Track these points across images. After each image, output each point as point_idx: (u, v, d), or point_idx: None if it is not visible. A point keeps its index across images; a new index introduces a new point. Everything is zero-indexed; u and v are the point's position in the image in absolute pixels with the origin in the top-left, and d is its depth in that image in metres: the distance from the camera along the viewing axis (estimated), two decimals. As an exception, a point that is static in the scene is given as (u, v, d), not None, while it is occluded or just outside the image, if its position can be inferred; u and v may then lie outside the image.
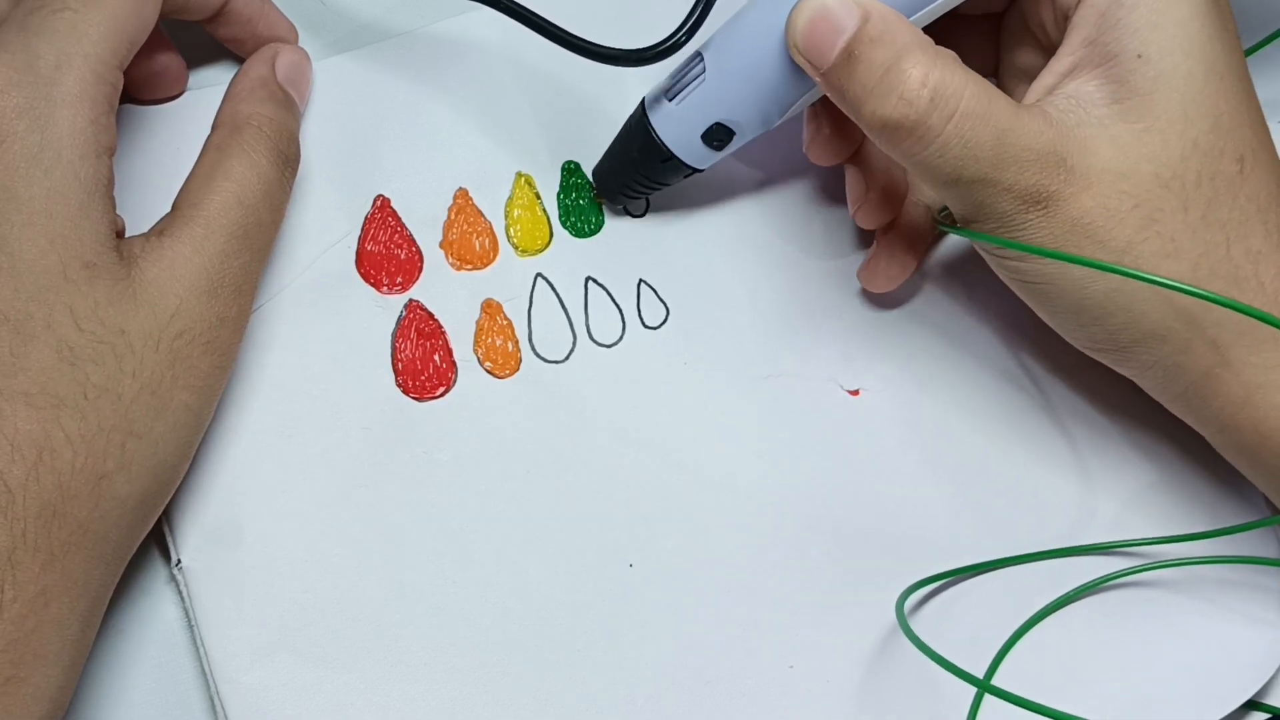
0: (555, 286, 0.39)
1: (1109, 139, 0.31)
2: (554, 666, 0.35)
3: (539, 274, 0.39)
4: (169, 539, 0.34)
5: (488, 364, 0.37)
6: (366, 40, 0.40)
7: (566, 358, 0.38)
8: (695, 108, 0.34)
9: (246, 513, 0.35)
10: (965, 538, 0.37)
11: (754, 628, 0.36)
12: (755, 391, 0.38)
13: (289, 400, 0.36)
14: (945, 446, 0.38)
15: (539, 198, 0.39)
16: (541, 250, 0.39)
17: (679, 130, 0.35)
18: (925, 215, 0.38)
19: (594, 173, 0.39)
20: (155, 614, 0.35)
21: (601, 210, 0.40)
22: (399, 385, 0.37)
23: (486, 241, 0.39)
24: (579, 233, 0.39)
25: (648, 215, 0.40)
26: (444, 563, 0.35)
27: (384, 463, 0.36)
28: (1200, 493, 0.38)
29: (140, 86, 0.38)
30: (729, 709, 0.35)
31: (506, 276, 0.38)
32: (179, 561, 0.34)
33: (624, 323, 0.38)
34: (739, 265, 0.39)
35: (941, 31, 0.33)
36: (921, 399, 0.39)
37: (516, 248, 0.39)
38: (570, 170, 0.40)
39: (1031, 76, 0.35)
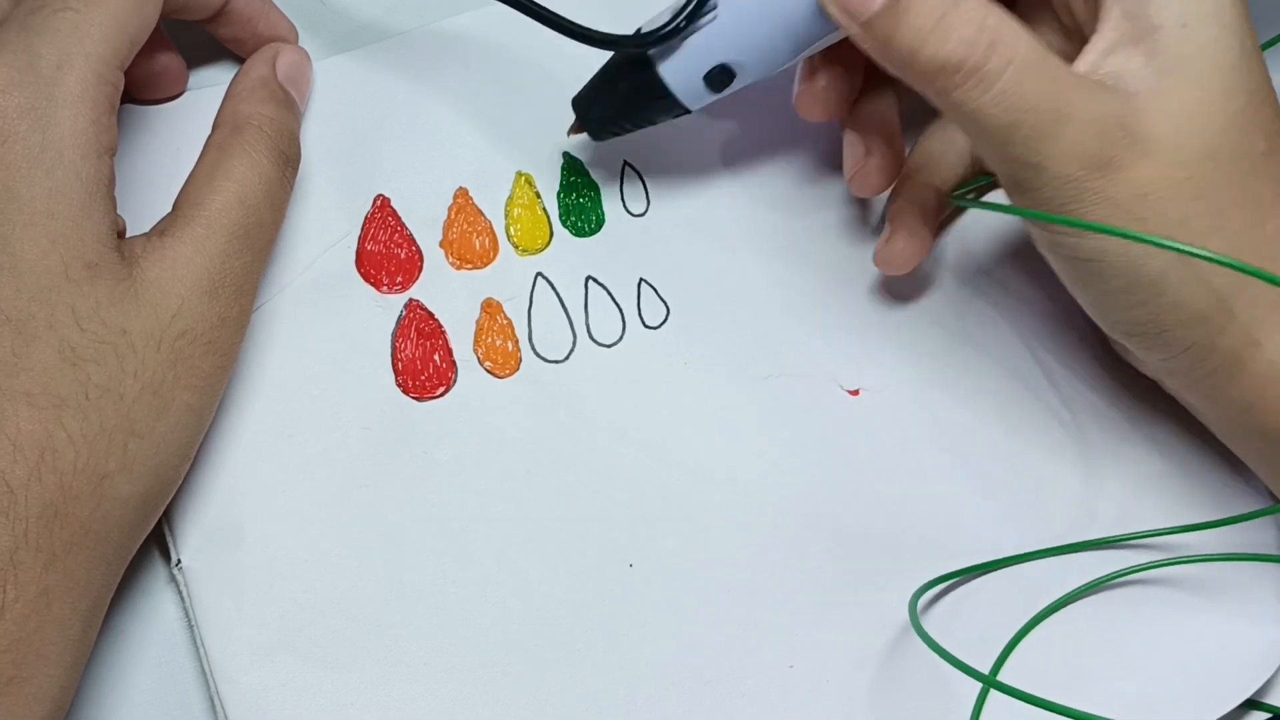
0: (555, 286, 0.39)
1: (1160, 108, 0.30)
2: (554, 666, 0.35)
3: (539, 273, 0.39)
4: (169, 539, 0.34)
5: (488, 364, 0.37)
6: (366, 40, 0.40)
7: (566, 357, 0.38)
8: (702, 47, 0.33)
9: (246, 513, 0.35)
10: (968, 535, 0.37)
11: (754, 627, 0.36)
12: (755, 391, 0.38)
13: (289, 400, 0.36)
14: (947, 444, 0.38)
15: (539, 197, 0.39)
16: (541, 249, 0.39)
17: (680, 68, 0.34)
18: (936, 196, 0.38)
19: (574, 102, 0.37)
20: (155, 614, 0.35)
21: (601, 208, 0.39)
22: (399, 385, 0.37)
23: (486, 241, 0.39)
24: (579, 232, 0.39)
25: (649, 213, 0.40)
26: (444, 562, 0.35)
27: (384, 463, 0.36)
28: (1205, 483, 0.38)
29: (140, 86, 0.38)
30: (729, 709, 0.35)
31: (506, 276, 0.38)
32: (179, 561, 0.34)
33: (624, 322, 0.38)
34: (740, 264, 0.39)
35: None
36: (921, 398, 0.39)
37: (516, 247, 0.39)
38: (570, 169, 0.40)
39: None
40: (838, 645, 0.36)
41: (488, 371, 0.37)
